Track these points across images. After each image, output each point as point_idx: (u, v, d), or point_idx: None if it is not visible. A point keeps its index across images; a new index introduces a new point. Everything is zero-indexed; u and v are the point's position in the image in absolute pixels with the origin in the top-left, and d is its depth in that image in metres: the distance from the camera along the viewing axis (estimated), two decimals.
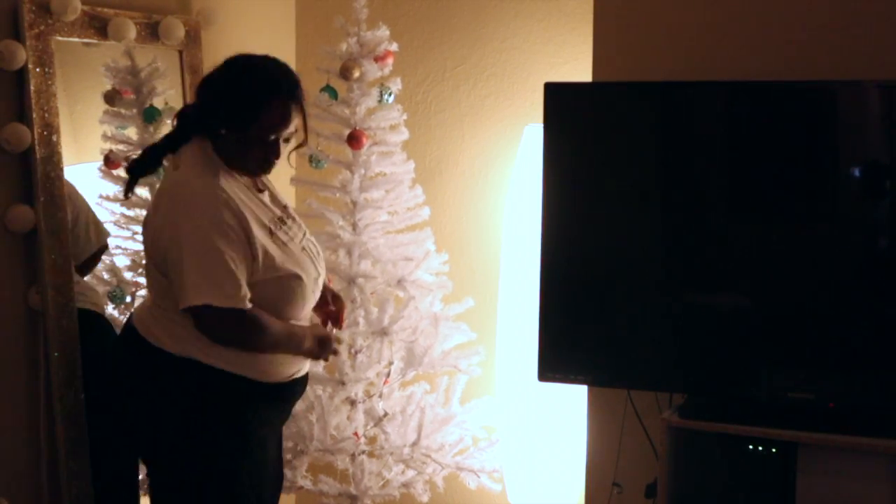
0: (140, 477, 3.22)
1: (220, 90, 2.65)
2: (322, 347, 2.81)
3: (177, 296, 2.57)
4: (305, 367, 2.84)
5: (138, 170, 2.74)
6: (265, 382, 2.71)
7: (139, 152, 2.81)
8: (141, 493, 3.24)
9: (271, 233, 2.68)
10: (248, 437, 2.71)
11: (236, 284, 2.56)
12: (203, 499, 2.70)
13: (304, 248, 2.78)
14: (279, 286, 2.68)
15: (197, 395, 2.65)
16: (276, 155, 2.68)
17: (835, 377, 2.90)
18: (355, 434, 3.42)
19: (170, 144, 2.71)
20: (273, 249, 2.66)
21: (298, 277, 2.70)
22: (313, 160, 3.41)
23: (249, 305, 2.61)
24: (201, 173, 2.63)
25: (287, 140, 2.69)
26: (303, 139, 2.76)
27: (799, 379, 2.91)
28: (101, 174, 3.26)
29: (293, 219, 2.81)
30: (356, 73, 3.37)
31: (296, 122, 2.67)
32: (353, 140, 3.38)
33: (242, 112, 2.61)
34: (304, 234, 2.83)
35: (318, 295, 2.83)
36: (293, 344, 2.73)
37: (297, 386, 2.83)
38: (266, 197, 2.76)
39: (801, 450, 2.83)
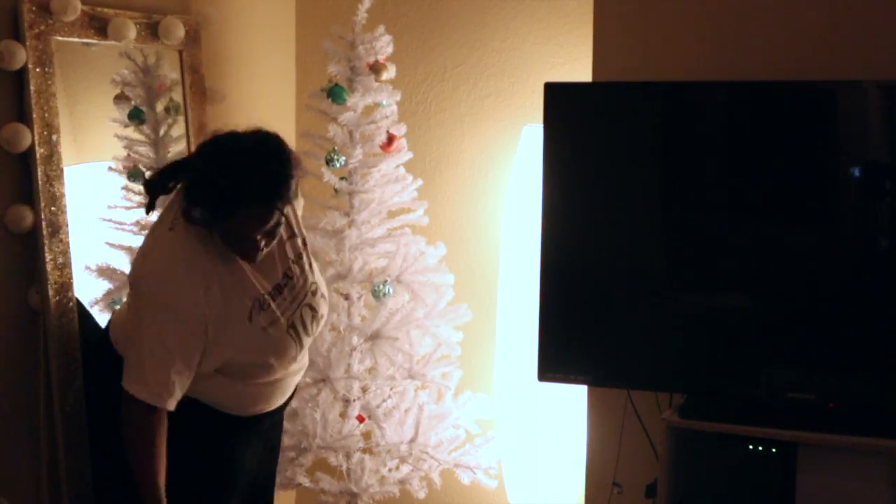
0: None
1: (202, 178, 2.51)
2: None
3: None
4: (274, 403, 2.80)
5: (158, 186, 2.66)
6: (228, 413, 2.71)
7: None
8: None
9: (250, 318, 2.62)
10: (211, 458, 2.72)
11: (170, 390, 2.54)
12: None
13: (292, 325, 2.71)
14: (245, 368, 2.67)
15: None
16: (257, 249, 2.56)
17: (835, 377, 2.90)
18: (359, 418, 3.43)
19: (178, 172, 2.65)
20: (243, 340, 2.61)
21: (266, 366, 2.68)
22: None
23: (170, 408, 2.57)
24: (184, 242, 2.56)
25: (273, 233, 2.57)
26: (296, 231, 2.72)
27: (799, 379, 2.91)
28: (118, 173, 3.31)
29: (296, 276, 2.73)
30: (384, 74, 3.40)
31: (277, 217, 2.53)
32: (387, 143, 3.44)
33: (219, 208, 2.49)
34: (306, 297, 2.75)
35: (294, 366, 2.79)
36: (142, 483, 2.60)
37: (265, 419, 2.81)
38: (267, 263, 2.67)
39: (801, 450, 2.83)
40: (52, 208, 3.02)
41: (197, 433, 2.70)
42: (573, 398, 3.51)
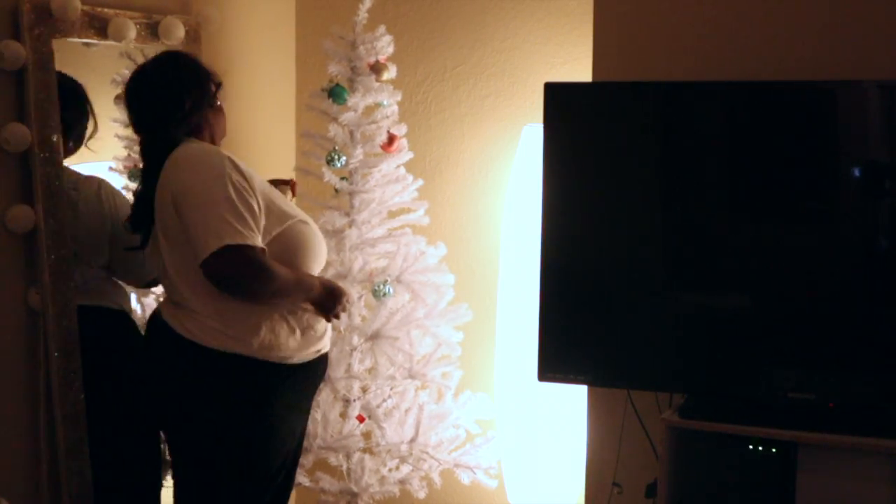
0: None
1: (187, 80, 2.81)
2: (331, 298, 2.87)
3: (196, 251, 2.64)
4: (328, 343, 2.91)
5: (143, 222, 2.85)
6: (292, 364, 2.78)
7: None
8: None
9: (270, 187, 2.82)
10: (276, 423, 2.78)
11: (249, 225, 2.65)
12: (231, 485, 2.77)
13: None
14: (291, 235, 2.78)
15: (229, 385, 2.72)
16: None
17: (835, 377, 2.90)
18: (359, 418, 3.43)
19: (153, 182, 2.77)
20: (278, 198, 2.79)
21: (306, 222, 2.83)
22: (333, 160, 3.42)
23: (262, 245, 2.69)
24: (197, 143, 2.78)
25: None
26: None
27: (799, 379, 2.90)
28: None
29: None
30: (385, 74, 3.41)
31: None
32: (387, 143, 3.45)
33: (210, 86, 2.85)
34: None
35: (325, 250, 2.93)
36: (302, 288, 2.79)
37: (322, 363, 2.91)
38: None
39: (801, 450, 2.83)
40: (52, 208, 3.02)
41: (258, 397, 2.75)
42: (573, 398, 3.51)
